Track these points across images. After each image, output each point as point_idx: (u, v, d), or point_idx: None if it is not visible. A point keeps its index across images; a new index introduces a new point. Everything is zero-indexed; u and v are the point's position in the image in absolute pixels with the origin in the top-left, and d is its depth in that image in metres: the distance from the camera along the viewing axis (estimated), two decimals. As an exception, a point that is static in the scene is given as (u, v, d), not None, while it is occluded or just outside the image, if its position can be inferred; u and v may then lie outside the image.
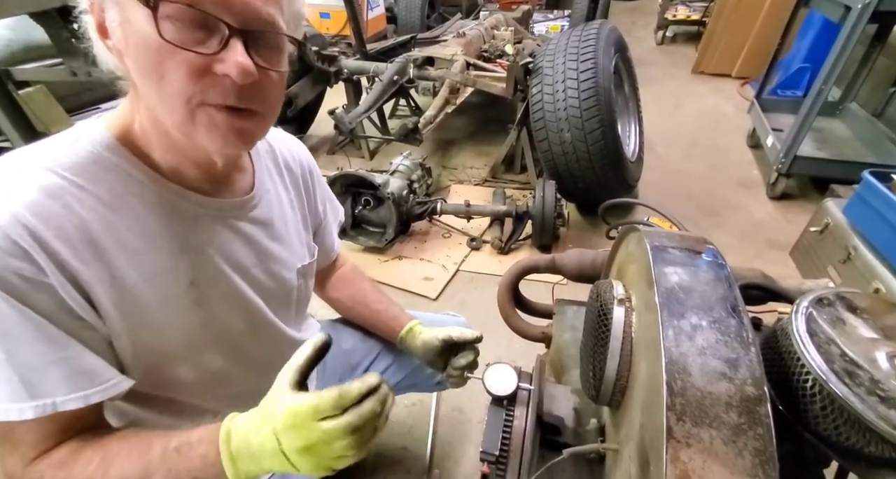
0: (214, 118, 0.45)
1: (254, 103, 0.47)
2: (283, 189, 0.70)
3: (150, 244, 0.51)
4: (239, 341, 0.63)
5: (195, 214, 0.56)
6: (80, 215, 0.46)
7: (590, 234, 2.10)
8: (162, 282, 0.52)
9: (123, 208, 0.49)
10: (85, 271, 0.46)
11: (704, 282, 0.44)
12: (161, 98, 0.44)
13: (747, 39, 3.76)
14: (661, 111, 3.31)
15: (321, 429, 0.43)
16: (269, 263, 0.65)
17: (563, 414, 0.67)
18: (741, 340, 0.38)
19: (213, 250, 0.58)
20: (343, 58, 2.55)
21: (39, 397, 0.45)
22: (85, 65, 1.64)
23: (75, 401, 0.46)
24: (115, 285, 0.49)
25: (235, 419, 0.48)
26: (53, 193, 0.45)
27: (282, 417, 0.44)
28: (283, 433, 0.44)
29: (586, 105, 1.77)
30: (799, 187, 2.36)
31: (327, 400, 0.44)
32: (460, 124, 3.21)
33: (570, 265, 0.89)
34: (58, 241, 0.44)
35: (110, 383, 0.49)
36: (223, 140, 0.47)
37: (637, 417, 0.45)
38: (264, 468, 0.46)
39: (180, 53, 0.42)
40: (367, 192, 1.92)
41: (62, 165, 0.47)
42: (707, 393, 0.35)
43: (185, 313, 0.55)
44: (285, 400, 0.44)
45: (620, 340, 0.50)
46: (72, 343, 0.46)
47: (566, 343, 0.86)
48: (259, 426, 0.45)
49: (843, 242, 1.53)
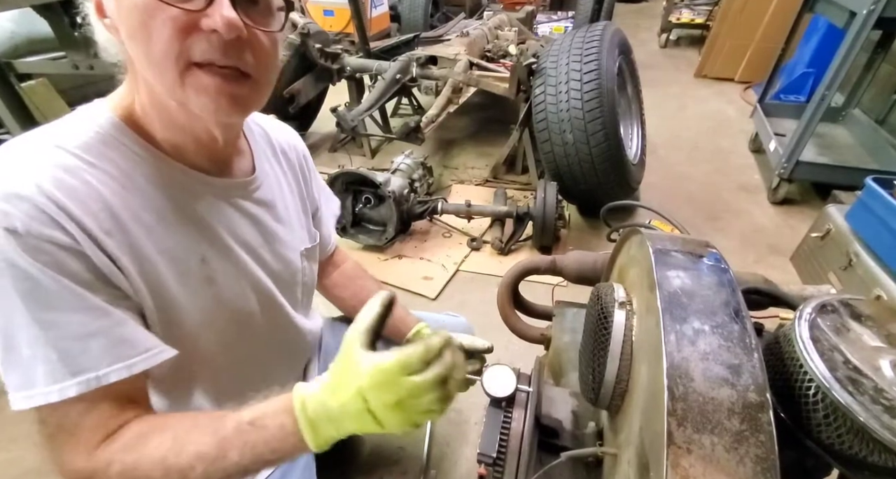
0: (203, 81, 0.45)
1: (243, 63, 0.46)
2: (282, 173, 0.71)
3: (160, 221, 0.52)
4: (250, 321, 0.64)
5: (199, 192, 0.56)
6: (98, 191, 0.46)
7: (590, 236, 2.09)
8: (176, 258, 0.53)
9: (133, 187, 0.50)
10: (109, 241, 0.46)
11: (707, 286, 0.43)
12: (150, 61, 0.44)
13: (751, 44, 3.76)
14: (664, 114, 3.31)
15: (412, 383, 0.43)
16: (275, 244, 0.66)
17: (561, 417, 0.67)
18: (744, 345, 0.37)
19: (220, 228, 0.58)
20: (346, 55, 2.55)
21: (82, 372, 0.44)
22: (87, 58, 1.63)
23: (119, 372, 0.45)
24: (138, 258, 0.49)
25: (306, 386, 0.47)
26: (70, 170, 0.45)
27: (369, 375, 0.43)
28: (370, 391, 0.43)
29: (589, 107, 1.76)
30: (800, 193, 2.35)
31: (415, 355, 0.44)
32: (462, 124, 3.20)
33: (571, 267, 0.89)
34: (82, 212, 0.44)
35: (154, 351, 0.49)
36: (215, 105, 0.46)
37: (636, 421, 0.45)
38: (346, 429, 0.45)
39: (166, 10, 0.42)
40: (368, 190, 1.92)
41: (72, 143, 0.47)
42: (709, 399, 0.35)
43: (200, 289, 0.56)
44: (369, 359, 0.44)
45: (621, 343, 0.50)
46: (111, 312, 0.46)
47: (566, 346, 0.85)
48: (338, 389, 0.44)
49: (845, 248, 1.53)
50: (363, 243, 1.99)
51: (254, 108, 0.52)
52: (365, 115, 2.28)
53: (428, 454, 1.21)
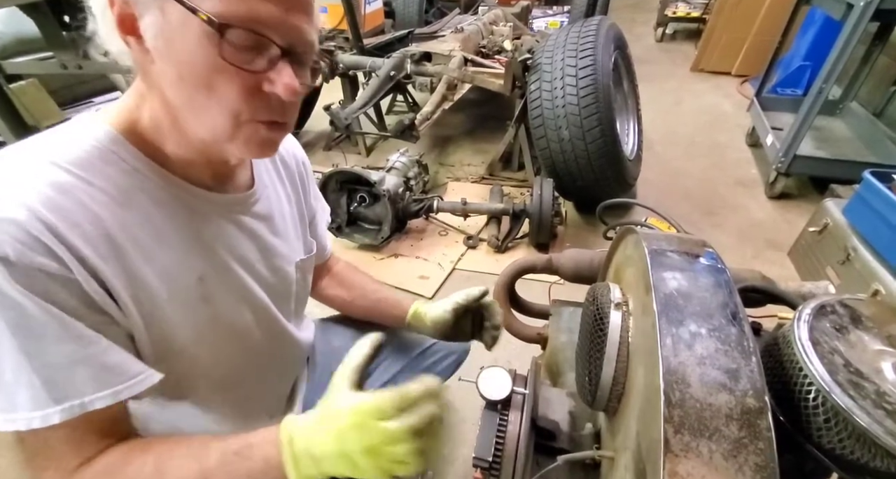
0: (259, 132, 0.48)
1: (286, 118, 0.50)
2: (280, 184, 0.70)
3: (159, 240, 0.51)
4: (246, 336, 0.63)
5: (202, 210, 0.55)
6: (93, 211, 0.45)
7: (587, 233, 2.08)
8: (172, 278, 0.52)
9: (131, 204, 0.49)
10: (104, 267, 0.45)
11: (704, 288, 0.42)
12: (206, 110, 0.45)
13: (747, 37, 3.74)
14: (661, 109, 3.29)
15: (384, 429, 0.43)
16: (272, 258, 0.65)
17: (558, 418, 0.66)
18: (742, 349, 0.37)
19: (219, 246, 0.57)
20: (340, 52, 2.52)
21: (66, 399, 0.43)
22: (75, 58, 1.61)
23: (104, 399, 0.45)
24: (132, 281, 0.48)
25: (295, 420, 0.47)
26: (65, 189, 0.44)
27: (347, 416, 0.44)
28: (348, 432, 0.43)
29: (585, 102, 1.75)
30: (798, 187, 2.34)
31: (388, 400, 0.44)
32: (458, 121, 3.19)
33: (567, 266, 0.88)
34: (77, 237, 0.43)
35: (140, 377, 0.48)
36: (258, 151, 0.50)
37: (633, 425, 0.44)
38: (325, 470, 0.45)
39: (235, 73, 0.43)
40: (363, 189, 1.90)
41: (68, 160, 0.45)
42: (707, 405, 0.34)
43: (195, 308, 0.55)
44: (348, 399, 0.45)
45: (617, 345, 0.49)
46: (98, 339, 0.45)
47: (562, 345, 0.85)
48: (322, 426, 0.45)
49: (843, 242, 1.52)
50: (359, 243, 1.98)
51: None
52: (359, 112, 2.26)
53: (426, 454, 1.21)
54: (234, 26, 0.41)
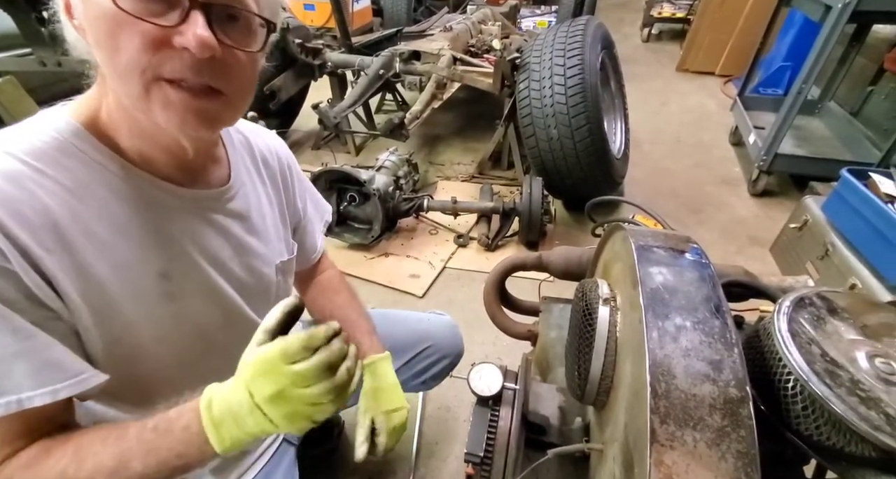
0: (169, 95, 0.43)
1: (216, 82, 0.45)
2: (261, 183, 0.68)
3: (117, 235, 0.49)
4: (214, 336, 0.61)
5: (168, 205, 0.54)
6: (41, 201, 0.44)
7: (576, 231, 2.11)
8: (131, 274, 0.50)
9: (89, 197, 0.47)
10: (48, 259, 0.44)
11: (688, 282, 0.43)
12: (116, 71, 0.42)
13: (730, 38, 3.81)
14: (647, 108, 3.34)
15: (292, 370, 0.43)
16: (247, 257, 0.64)
17: (548, 413, 0.67)
18: (725, 341, 0.38)
19: (187, 242, 0.56)
20: (328, 51, 2.51)
21: (2, 394, 0.42)
22: (54, 54, 1.57)
23: (42, 396, 0.44)
24: (82, 276, 0.46)
25: (216, 385, 0.47)
26: (12, 177, 0.43)
27: (251, 366, 0.44)
28: (253, 382, 0.43)
29: (573, 101, 1.77)
30: (779, 185, 2.40)
31: (295, 341, 0.43)
32: (447, 120, 3.19)
33: (557, 263, 0.89)
34: (18, 226, 0.42)
35: (81, 376, 0.47)
36: (181, 120, 0.44)
37: (621, 417, 0.45)
38: (246, 430, 0.45)
39: (136, 24, 0.40)
40: (353, 188, 1.90)
41: (23, 149, 0.44)
42: (691, 395, 0.35)
43: (156, 306, 0.53)
44: (254, 351, 0.44)
45: (605, 339, 0.50)
46: (38, 334, 0.44)
47: (552, 341, 0.86)
48: (235, 385, 0.45)
49: (822, 238, 1.57)
50: (349, 242, 1.97)
51: (225, 124, 0.51)
52: (348, 111, 2.25)
53: (417, 452, 1.21)
54: None
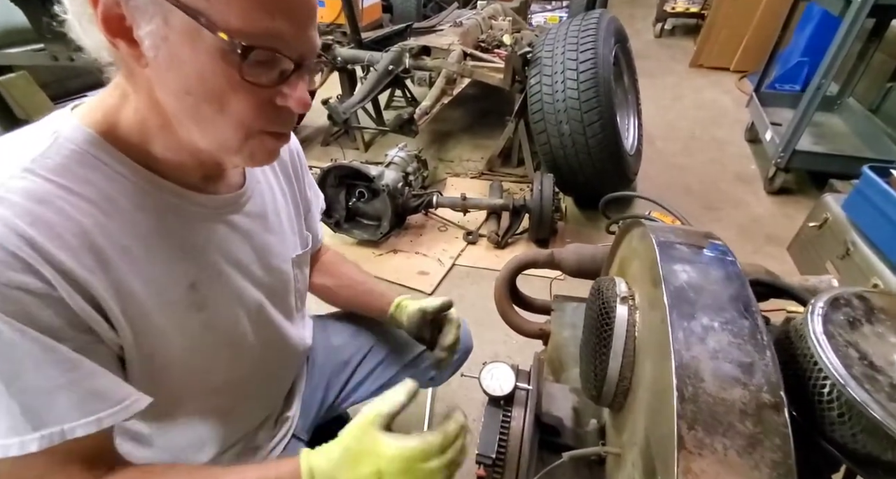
0: (266, 144, 0.47)
1: (293, 126, 0.50)
2: (274, 177, 0.68)
3: (144, 248, 0.48)
4: (241, 341, 0.61)
5: (190, 213, 0.52)
6: (75, 220, 0.42)
7: (588, 228, 2.08)
8: (162, 287, 0.49)
9: (114, 211, 0.45)
10: (92, 280, 0.42)
11: (714, 280, 0.41)
12: (214, 123, 0.44)
13: (746, 33, 3.73)
14: (660, 104, 3.29)
15: (428, 469, 0.48)
16: (267, 256, 0.63)
17: (562, 414, 0.65)
18: (755, 342, 0.36)
19: (212, 249, 0.55)
20: (337, 46, 2.50)
21: (45, 426, 0.41)
22: (67, 50, 1.58)
23: (87, 426, 0.42)
24: (120, 293, 0.45)
25: (311, 455, 0.49)
26: (43, 199, 0.41)
27: (391, 460, 0.47)
28: (391, 475, 0.47)
29: (586, 96, 1.74)
30: (797, 182, 2.35)
31: (435, 445, 0.49)
32: (457, 116, 3.17)
33: (570, 260, 0.87)
34: (59, 250, 0.40)
35: (125, 403, 0.45)
36: (263, 161, 0.50)
37: (641, 421, 0.43)
38: None
39: (251, 89, 0.42)
40: (362, 184, 1.89)
41: (45, 166, 0.42)
42: (720, 400, 0.33)
43: (186, 316, 0.52)
44: (390, 444, 0.48)
45: (623, 339, 0.48)
46: (82, 363, 0.42)
47: (565, 341, 0.84)
48: (353, 466, 0.48)
49: (842, 237, 1.52)
50: (357, 238, 1.97)
51: None
52: (357, 107, 2.24)
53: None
54: (256, 47, 0.39)
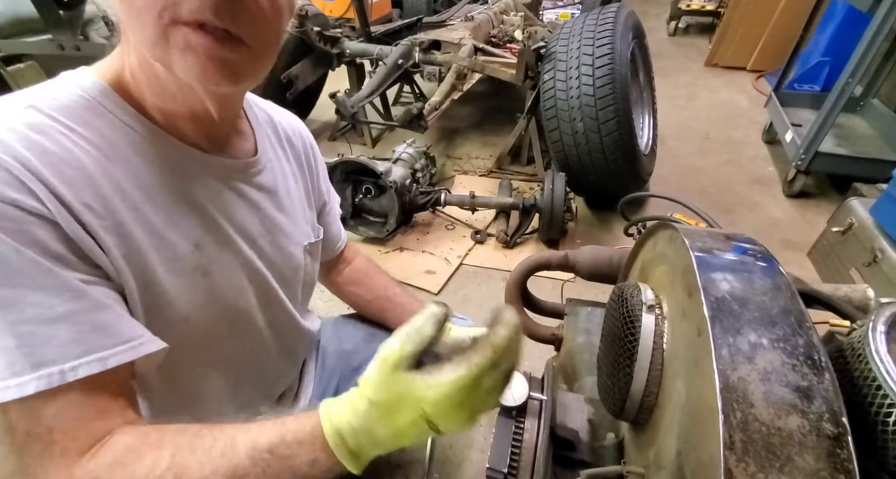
0: (189, 39, 0.38)
1: (238, 28, 0.40)
2: (286, 161, 0.65)
3: (149, 199, 0.46)
4: (246, 316, 0.58)
5: (193, 171, 0.50)
6: (75, 155, 0.41)
7: (599, 230, 2.03)
8: (165, 242, 0.47)
9: (117, 157, 0.44)
10: (90, 216, 0.40)
11: (761, 291, 0.37)
12: (132, 13, 0.39)
13: (764, 31, 3.64)
14: (674, 104, 3.22)
15: (483, 393, 0.39)
16: (277, 234, 0.60)
17: (577, 427, 0.61)
18: (812, 363, 0.31)
19: (217, 213, 0.52)
20: (346, 40, 2.46)
21: (44, 365, 0.37)
22: (73, 38, 1.56)
23: (89, 365, 0.38)
24: (121, 237, 0.42)
25: (334, 414, 0.41)
26: (43, 131, 0.40)
27: (436, 404, 0.38)
28: (440, 416, 0.38)
29: (601, 93, 1.68)
30: (817, 186, 2.27)
31: (485, 367, 0.38)
32: (466, 113, 3.12)
33: (585, 263, 0.83)
34: (55, 178, 0.39)
35: (134, 342, 0.41)
36: (201, 69, 0.40)
37: (672, 444, 0.39)
38: (396, 446, 0.41)
39: None
40: (369, 180, 1.85)
41: (50, 106, 0.42)
42: (775, 429, 0.29)
43: (191, 278, 0.49)
44: (427, 383, 0.38)
45: (650, 352, 0.44)
46: (86, 292, 0.39)
47: (579, 347, 0.80)
48: (390, 416, 0.39)
49: (869, 243, 1.46)
50: (363, 235, 1.93)
51: (247, 79, 0.45)
52: (365, 101, 2.20)
53: (430, 456, 1.17)
54: None
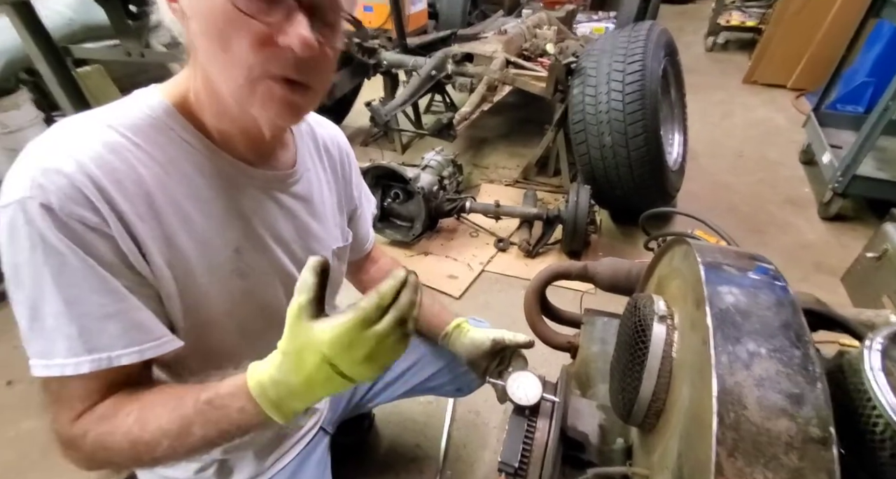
0: (273, 90, 0.46)
1: (310, 78, 0.47)
2: (322, 170, 0.71)
3: (200, 209, 0.53)
4: (276, 314, 0.63)
5: (241, 183, 0.57)
6: (138, 172, 0.48)
7: (622, 243, 2.02)
8: (209, 248, 0.54)
9: (176, 172, 0.51)
10: (141, 227, 0.47)
11: (764, 305, 0.40)
12: (223, 65, 0.45)
13: (807, 49, 3.54)
14: (707, 121, 3.17)
15: (374, 334, 0.43)
16: (308, 239, 0.66)
17: (587, 430, 0.64)
18: (806, 373, 0.34)
19: (257, 220, 0.59)
20: (383, 51, 2.56)
21: (96, 350, 0.46)
22: (138, 46, 1.70)
23: (130, 356, 0.47)
24: (169, 245, 0.50)
25: (258, 369, 0.46)
26: (114, 149, 0.46)
27: (330, 342, 0.42)
28: (337, 356, 0.42)
29: (630, 109, 1.70)
30: (854, 209, 2.20)
31: (371, 307, 0.43)
32: (494, 124, 3.17)
33: (604, 274, 0.85)
34: (118, 194, 0.46)
35: (164, 339, 0.50)
36: (276, 112, 0.48)
37: (674, 445, 0.42)
38: (315, 398, 0.46)
39: (248, 23, 0.42)
40: (398, 185, 1.92)
41: (122, 123, 0.48)
42: (764, 430, 0.32)
43: (229, 281, 0.56)
44: (323, 327, 0.42)
45: (659, 359, 0.47)
46: (129, 296, 0.47)
47: (594, 356, 0.82)
48: (298, 365, 0.44)
49: (904, 270, 1.42)
50: (390, 238, 2.00)
51: (306, 114, 0.54)
52: (398, 109, 2.28)
53: (445, 454, 1.20)
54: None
